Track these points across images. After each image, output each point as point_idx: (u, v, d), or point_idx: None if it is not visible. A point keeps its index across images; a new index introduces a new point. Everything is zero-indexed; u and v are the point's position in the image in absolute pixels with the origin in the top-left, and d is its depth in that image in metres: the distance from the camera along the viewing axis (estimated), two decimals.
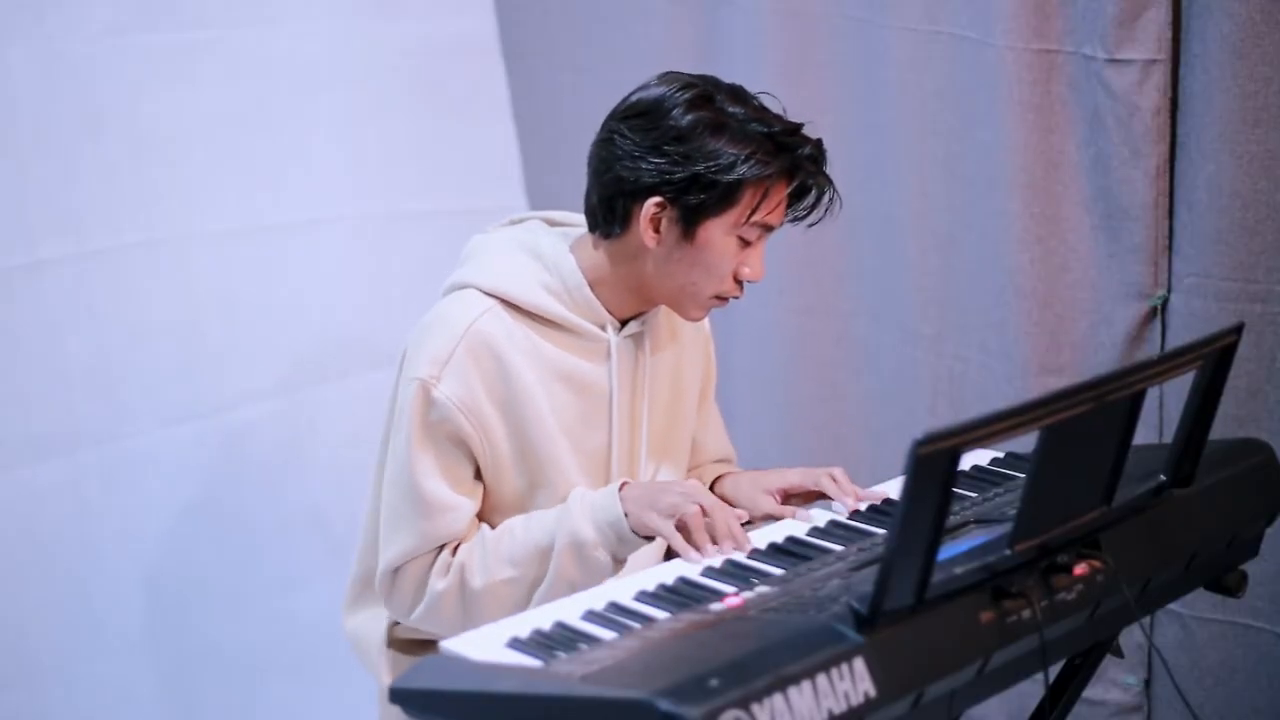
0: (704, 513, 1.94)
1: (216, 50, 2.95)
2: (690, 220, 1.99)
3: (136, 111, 2.86)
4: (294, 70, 3.05)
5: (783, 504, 2.12)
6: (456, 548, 2.07)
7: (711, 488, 2.24)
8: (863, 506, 2.07)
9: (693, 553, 1.91)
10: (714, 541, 1.93)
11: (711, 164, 1.95)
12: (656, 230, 2.00)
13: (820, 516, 2.05)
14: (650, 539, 1.99)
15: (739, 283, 2.04)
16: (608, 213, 2.03)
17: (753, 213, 1.98)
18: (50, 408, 2.78)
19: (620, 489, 2.00)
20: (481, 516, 2.11)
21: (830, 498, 2.11)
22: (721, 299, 2.06)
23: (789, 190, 2.01)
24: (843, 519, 2.03)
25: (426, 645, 2.17)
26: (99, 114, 2.81)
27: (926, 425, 1.95)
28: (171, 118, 2.90)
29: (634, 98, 2.03)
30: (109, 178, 2.83)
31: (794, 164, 1.99)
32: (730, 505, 2.17)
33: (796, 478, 2.14)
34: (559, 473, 2.07)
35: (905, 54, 2.76)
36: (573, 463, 2.08)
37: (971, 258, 2.74)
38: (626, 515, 1.97)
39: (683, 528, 1.94)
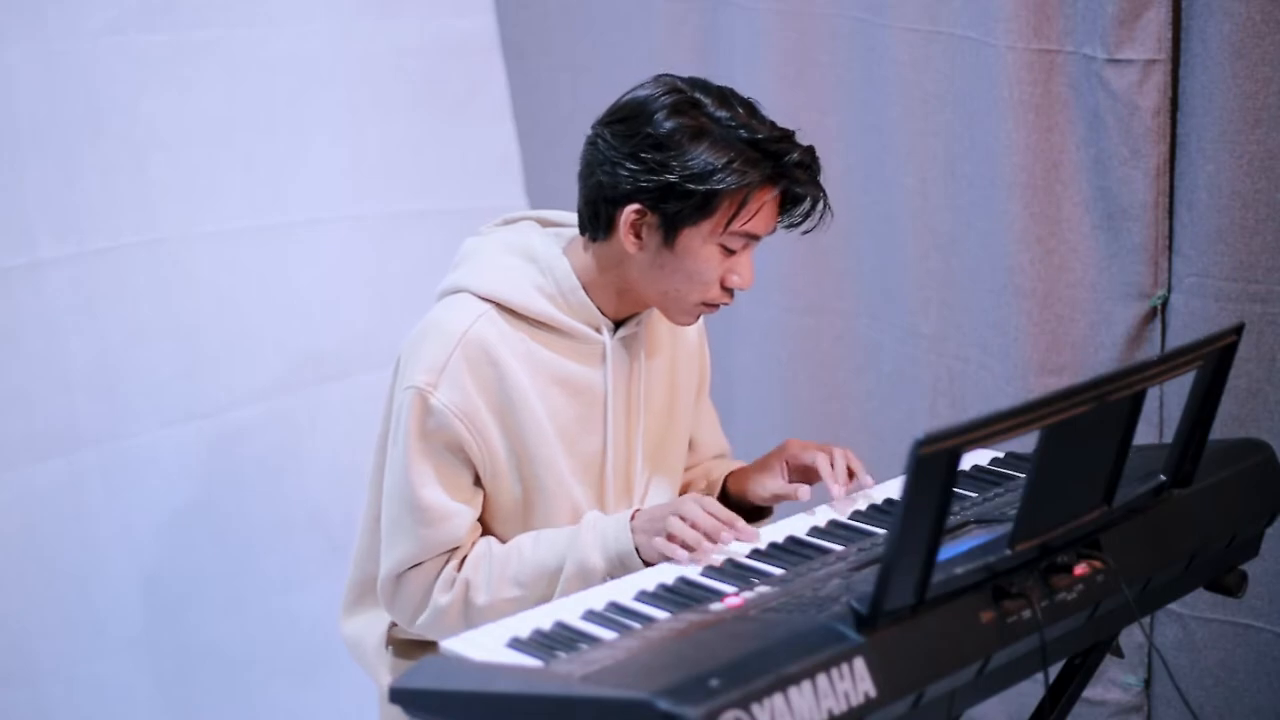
0: (693, 525, 1.92)
1: (216, 50, 2.95)
2: (670, 228, 1.96)
3: (136, 111, 2.85)
4: (294, 70, 3.05)
5: (789, 480, 2.13)
6: (462, 560, 2.05)
7: (724, 485, 2.24)
8: (861, 505, 2.07)
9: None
10: (709, 539, 1.91)
11: (687, 173, 1.92)
12: (637, 236, 1.98)
13: (822, 515, 2.05)
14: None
15: (728, 290, 2.02)
16: (592, 217, 2.02)
17: (730, 221, 1.95)
18: (50, 408, 2.78)
19: (631, 518, 1.98)
20: (482, 523, 2.10)
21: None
22: (710, 305, 2.04)
23: (777, 197, 1.98)
24: (843, 519, 2.03)
25: (425, 646, 2.17)
26: (99, 114, 2.81)
27: (926, 425, 1.96)
28: (171, 118, 2.89)
29: (621, 101, 2.01)
30: (109, 178, 2.83)
31: (778, 171, 1.95)
32: (742, 500, 2.18)
33: (796, 448, 2.14)
34: (554, 478, 2.06)
35: (905, 54, 2.76)
36: (567, 467, 2.07)
37: (971, 258, 2.74)
38: (638, 549, 1.95)
39: (684, 546, 1.91)
